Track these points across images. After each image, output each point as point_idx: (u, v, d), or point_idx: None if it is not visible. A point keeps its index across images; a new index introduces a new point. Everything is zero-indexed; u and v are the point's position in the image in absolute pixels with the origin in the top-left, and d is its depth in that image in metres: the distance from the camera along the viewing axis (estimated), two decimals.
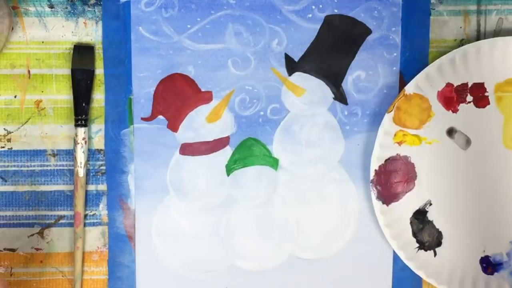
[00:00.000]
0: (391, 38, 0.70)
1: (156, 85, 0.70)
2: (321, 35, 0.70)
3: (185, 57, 0.70)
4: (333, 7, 0.70)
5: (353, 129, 0.71)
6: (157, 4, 0.69)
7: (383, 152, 0.69)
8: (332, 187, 0.71)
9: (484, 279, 0.71)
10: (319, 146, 0.71)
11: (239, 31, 0.70)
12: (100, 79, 0.70)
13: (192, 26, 0.69)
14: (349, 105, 0.71)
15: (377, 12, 0.70)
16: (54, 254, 0.71)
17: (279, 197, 0.71)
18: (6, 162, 0.70)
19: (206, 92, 0.70)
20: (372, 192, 0.69)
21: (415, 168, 0.70)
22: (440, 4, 0.70)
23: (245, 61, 0.70)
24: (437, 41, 0.70)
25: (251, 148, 0.71)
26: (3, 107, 0.70)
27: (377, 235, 0.71)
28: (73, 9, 0.69)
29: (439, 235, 0.71)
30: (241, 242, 0.72)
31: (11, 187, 0.71)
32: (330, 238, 0.72)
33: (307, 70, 0.70)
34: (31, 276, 0.71)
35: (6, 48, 0.69)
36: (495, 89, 0.69)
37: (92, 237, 0.71)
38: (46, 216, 0.71)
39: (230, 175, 0.71)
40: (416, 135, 0.70)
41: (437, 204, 0.71)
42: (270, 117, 0.71)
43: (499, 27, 0.71)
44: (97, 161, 0.70)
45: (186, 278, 0.72)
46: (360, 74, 0.70)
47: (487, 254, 0.71)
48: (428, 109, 0.69)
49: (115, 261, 0.71)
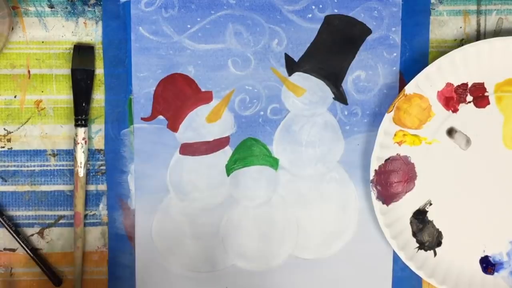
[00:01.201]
0: (391, 38, 0.70)
1: (156, 85, 0.70)
2: (321, 35, 0.70)
3: (185, 57, 0.70)
4: (333, 7, 0.70)
5: (353, 129, 0.71)
6: (157, 4, 0.69)
7: (383, 152, 0.69)
8: (332, 187, 0.71)
9: (484, 279, 0.71)
10: (319, 146, 0.71)
11: (239, 31, 0.70)
12: (100, 79, 0.70)
13: (192, 26, 0.70)
14: (349, 105, 0.71)
15: (377, 12, 0.70)
16: (54, 254, 0.71)
17: (279, 197, 0.71)
18: (6, 162, 0.70)
19: (206, 92, 0.70)
20: (372, 192, 0.69)
21: (415, 168, 0.70)
22: (440, 4, 0.70)
23: (245, 61, 0.70)
24: (437, 41, 0.70)
25: (251, 148, 0.71)
26: (3, 107, 0.70)
27: (377, 235, 0.71)
28: (73, 9, 0.69)
29: (439, 235, 0.71)
30: (241, 242, 0.72)
31: (11, 187, 0.71)
32: (330, 238, 0.72)
33: (307, 70, 0.70)
34: (31, 276, 0.71)
35: (6, 48, 0.69)
36: (495, 89, 0.69)
37: (92, 237, 0.71)
38: (46, 216, 0.71)
39: (230, 175, 0.71)
40: (416, 135, 0.70)
41: (437, 204, 0.71)
42: (270, 117, 0.71)
43: (499, 27, 0.71)
44: (97, 161, 0.70)
45: (186, 278, 0.72)
46: (360, 74, 0.70)
47: (487, 254, 0.71)
48: (428, 109, 0.69)
49: (115, 261, 0.71)
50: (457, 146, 0.70)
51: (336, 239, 0.72)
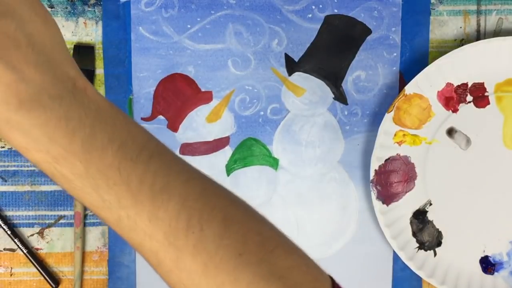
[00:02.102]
0: (391, 38, 0.70)
1: (156, 85, 0.70)
2: (321, 35, 0.70)
3: (185, 57, 0.70)
4: (333, 7, 0.70)
5: (353, 129, 0.71)
6: (157, 4, 0.69)
7: (383, 152, 0.69)
8: (332, 187, 0.71)
9: (484, 279, 0.71)
10: (319, 146, 0.71)
11: (239, 31, 0.70)
12: (100, 79, 0.70)
13: (192, 26, 0.69)
14: (349, 105, 0.71)
15: (377, 12, 0.70)
16: (54, 254, 0.71)
17: (279, 197, 0.71)
18: (6, 162, 0.70)
19: (206, 92, 0.70)
20: (372, 192, 0.69)
21: (415, 168, 0.70)
22: (440, 4, 0.70)
23: (245, 61, 0.70)
24: (437, 41, 0.70)
25: (251, 148, 0.71)
26: None
27: (377, 235, 0.71)
28: (73, 9, 0.69)
29: (439, 235, 0.71)
30: None
31: (11, 187, 0.70)
32: (330, 238, 0.72)
33: (307, 70, 0.70)
34: (31, 276, 0.71)
35: None
36: (495, 89, 0.69)
37: (92, 237, 0.71)
38: (46, 216, 0.71)
39: (230, 175, 0.71)
40: (416, 135, 0.70)
41: (437, 204, 0.71)
42: (270, 117, 0.71)
43: (499, 27, 0.71)
44: None
45: None
46: (360, 74, 0.70)
47: (487, 254, 0.71)
48: (428, 109, 0.69)
49: (115, 261, 0.71)
50: (457, 146, 0.70)
51: (336, 239, 0.72)
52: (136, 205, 0.37)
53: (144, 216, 0.37)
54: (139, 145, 0.38)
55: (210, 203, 0.39)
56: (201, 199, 0.39)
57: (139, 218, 0.37)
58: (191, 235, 0.38)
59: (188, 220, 0.38)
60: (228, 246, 0.38)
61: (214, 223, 0.38)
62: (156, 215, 0.37)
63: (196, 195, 0.39)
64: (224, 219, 0.39)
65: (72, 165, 0.36)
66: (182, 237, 0.38)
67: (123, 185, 0.37)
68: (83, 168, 0.36)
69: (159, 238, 0.38)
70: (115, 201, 0.37)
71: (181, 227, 0.38)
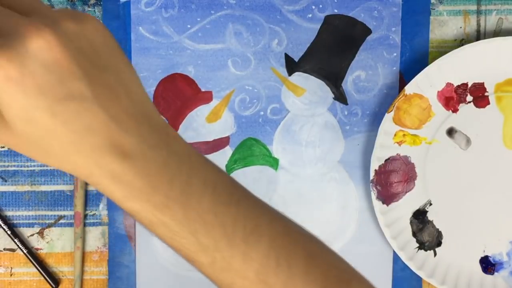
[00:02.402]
0: (391, 38, 0.70)
1: (156, 85, 0.70)
2: (321, 35, 0.70)
3: (185, 57, 0.70)
4: (333, 7, 0.70)
5: (353, 129, 0.71)
6: (157, 4, 0.69)
7: (383, 152, 0.69)
8: (332, 187, 0.71)
9: (484, 279, 0.71)
10: (319, 146, 0.71)
11: (239, 31, 0.70)
12: None
13: (192, 26, 0.69)
14: (349, 105, 0.71)
15: (377, 12, 0.70)
16: (54, 254, 0.71)
17: (279, 197, 0.71)
18: (6, 162, 0.70)
19: (206, 92, 0.70)
20: (372, 192, 0.69)
21: (415, 168, 0.70)
22: (440, 4, 0.70)
23: (245, 61, 0.70)
24: (437, 41, 0.70)
25: (251, 148, 0.71)
26: None
27: (377, 235, 0.71)
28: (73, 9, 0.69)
29: (439, 235, 0.71)
30: None
31: (11, 187, 0.70)
32: (330, 238, 0.72)
33: (307, 70, 0.70)
34: (31, 276, 0.71)
35: None
36: (495, 89, 0.69)
37: (92, 237, 0.71)
38: (46, 216, 0.71)
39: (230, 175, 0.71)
40: (416, 135, 0.70)
41: (437, 204, 0.71)
42: (270, 117, 0.71)
43: (499, 27, 0.71)
44: None
45: (186, 278, 0.72)
46: (360, 74, 0.70)
47: (487, 254, 0.71)
48: (428, 109, 0.69)
49: (115, 261, 0.71)
50: (457, 146, 0.70)
51: (336, 239, 0.72)
52: (231, 247, 0.39)
53: (238, 257, 0.39)
54: (229, 189, 0.40)
55: (294, 242, 0.41)
56: (286, 238, 0.41)
57: (233, 259, 0.39)
58: (281, 272, 0.40)
59: (277, 258, 0.40)
60: (313, 281, 0.41)
61: (299, 260, 0.41)
62: (249, 255, 0.39)
63: (281, 234, 0.41)
64: (307, 256, 0.41)
65: (173, 211, 0.37)
66: (272, 275, 0.40)
67: (219, 228, 0.38)
68: (182, 213, 0.37)
69: (251, 277, 0.39)
70: (212, 244, 0.38)
71: (271, 266, 0.40)
